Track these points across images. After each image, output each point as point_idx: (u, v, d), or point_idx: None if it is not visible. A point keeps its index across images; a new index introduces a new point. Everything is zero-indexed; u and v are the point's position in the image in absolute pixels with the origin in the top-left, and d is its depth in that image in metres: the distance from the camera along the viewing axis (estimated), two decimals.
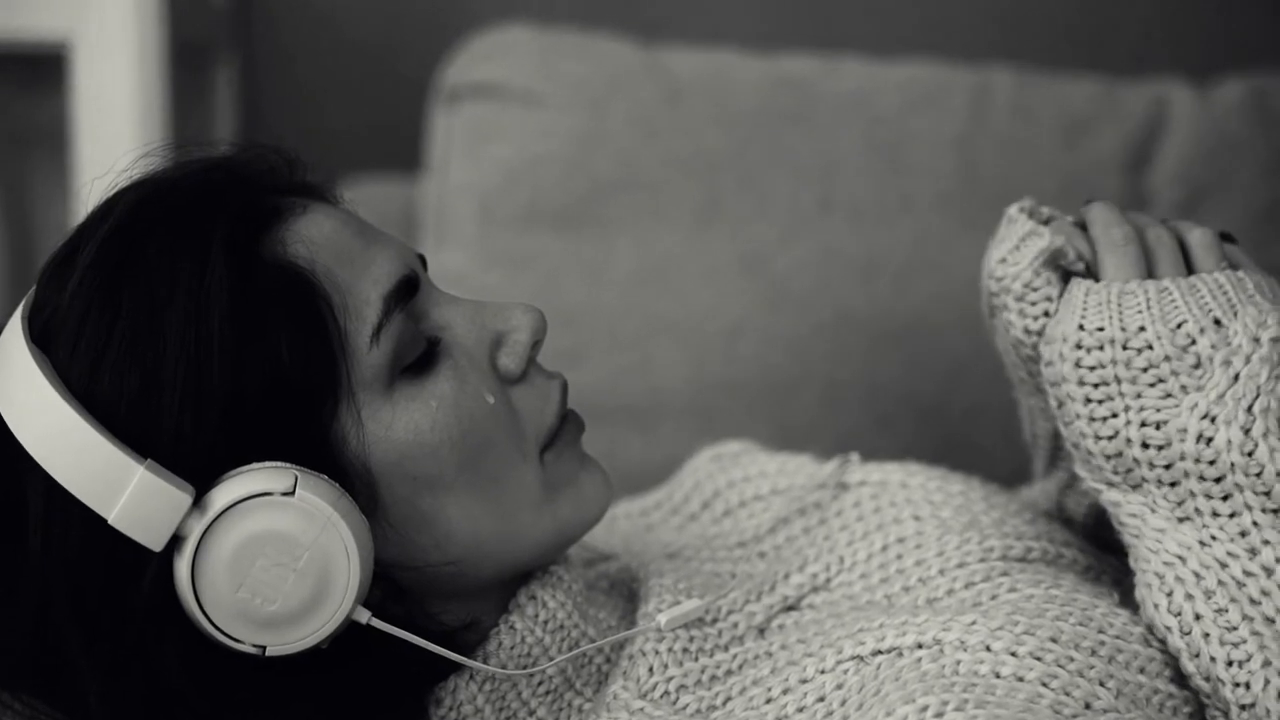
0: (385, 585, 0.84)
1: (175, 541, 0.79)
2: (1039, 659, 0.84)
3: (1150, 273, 0.93)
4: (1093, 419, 0.90)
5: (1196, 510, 0.88)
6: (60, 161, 1.74)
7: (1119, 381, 0.89)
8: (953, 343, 1.52)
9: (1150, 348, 0.89)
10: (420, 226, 1.63)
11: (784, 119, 1.59)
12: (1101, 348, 0.89)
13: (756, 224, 1.57)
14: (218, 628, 0.79)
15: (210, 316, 0.80)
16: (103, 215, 0.85)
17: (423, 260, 0.92)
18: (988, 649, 0.84)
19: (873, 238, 1.56)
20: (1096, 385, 0.90)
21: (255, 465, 0.80)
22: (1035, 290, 0.95)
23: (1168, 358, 0.88)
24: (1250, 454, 0.86)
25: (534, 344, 0.90)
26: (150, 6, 1.64)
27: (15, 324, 0.83)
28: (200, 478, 0.79)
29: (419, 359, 0.86)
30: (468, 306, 0.90)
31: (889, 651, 0.86)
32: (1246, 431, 0.86)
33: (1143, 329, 0.89)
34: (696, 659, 0.91)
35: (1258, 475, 0.86)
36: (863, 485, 1.02)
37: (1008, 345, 0.97)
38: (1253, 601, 0.86)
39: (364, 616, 0.82)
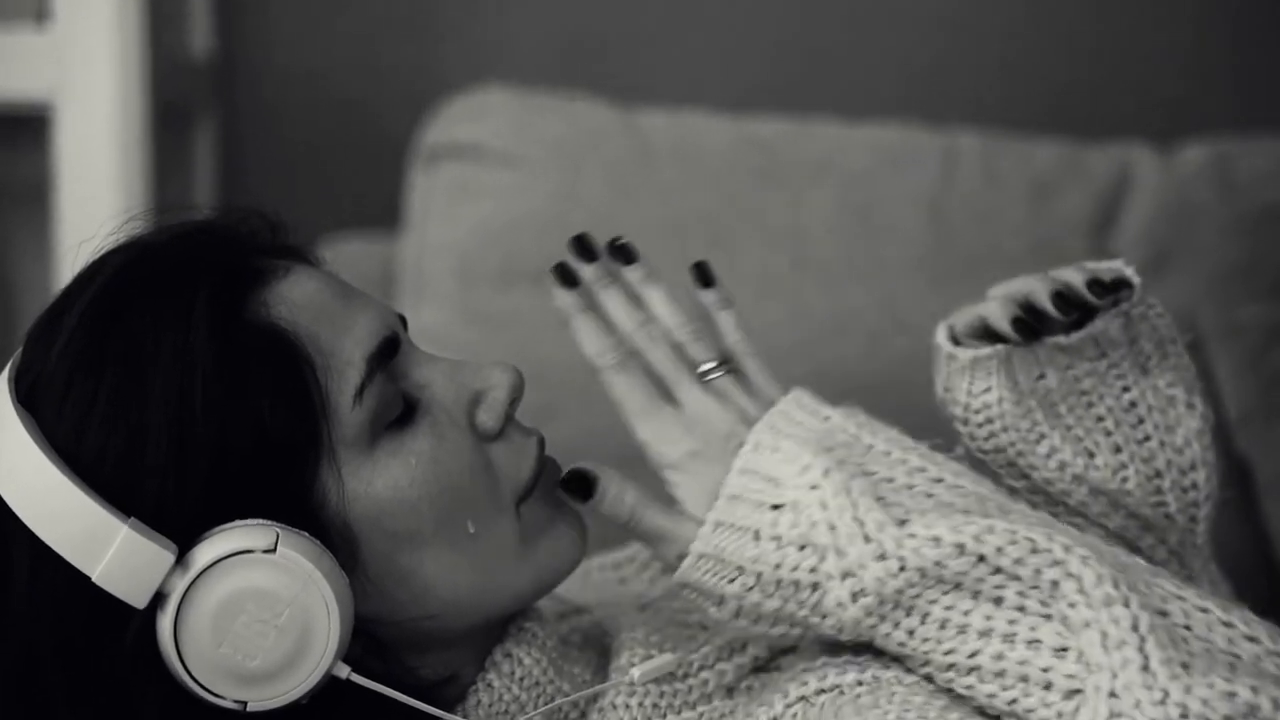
0: (365, 640, 0.85)
1: (158, 598, 0.80)
2: None
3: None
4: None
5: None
6: (41, 219, 1.75)
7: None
8: (923, 402, 1.52)
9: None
10: (399, 285, 1.64)
11: (755, 180, 1.60)
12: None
13: (728, 284, 1.58)
14: (200, 684, 0.80)
15: (194, 378, 0.81)
16: (88, 278, 0.86)
17: (403, 320, 0.93)
18: (929, 678, 0.85)
19: (843, 298, 1.57)
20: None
21: (237, 523, 0.81)
22: (977, 413, 0.97)
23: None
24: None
25: (512, 402, 0.91)
26: (133, 67, 1.65)
27: (1, 385, 0.84)
28: (183, 535, 0.80)
29: (399, 417, 0.87)
30: (446, 365, 0.91)
31: (831, 690, 0.87)
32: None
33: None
34: (665, 716, 0.92)
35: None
36: None
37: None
38: None
39: (344, 672, 0.83)
